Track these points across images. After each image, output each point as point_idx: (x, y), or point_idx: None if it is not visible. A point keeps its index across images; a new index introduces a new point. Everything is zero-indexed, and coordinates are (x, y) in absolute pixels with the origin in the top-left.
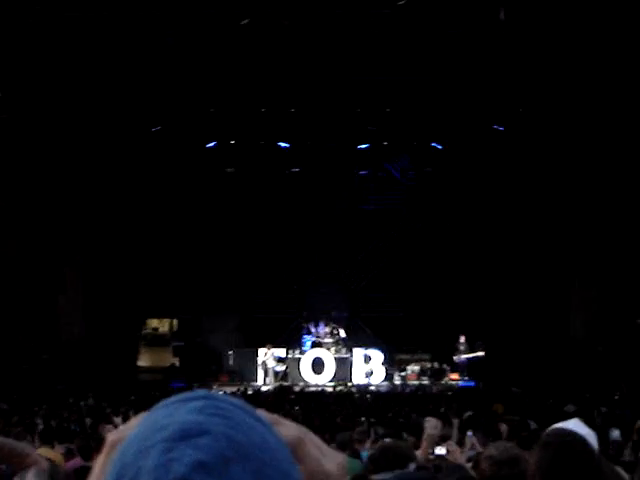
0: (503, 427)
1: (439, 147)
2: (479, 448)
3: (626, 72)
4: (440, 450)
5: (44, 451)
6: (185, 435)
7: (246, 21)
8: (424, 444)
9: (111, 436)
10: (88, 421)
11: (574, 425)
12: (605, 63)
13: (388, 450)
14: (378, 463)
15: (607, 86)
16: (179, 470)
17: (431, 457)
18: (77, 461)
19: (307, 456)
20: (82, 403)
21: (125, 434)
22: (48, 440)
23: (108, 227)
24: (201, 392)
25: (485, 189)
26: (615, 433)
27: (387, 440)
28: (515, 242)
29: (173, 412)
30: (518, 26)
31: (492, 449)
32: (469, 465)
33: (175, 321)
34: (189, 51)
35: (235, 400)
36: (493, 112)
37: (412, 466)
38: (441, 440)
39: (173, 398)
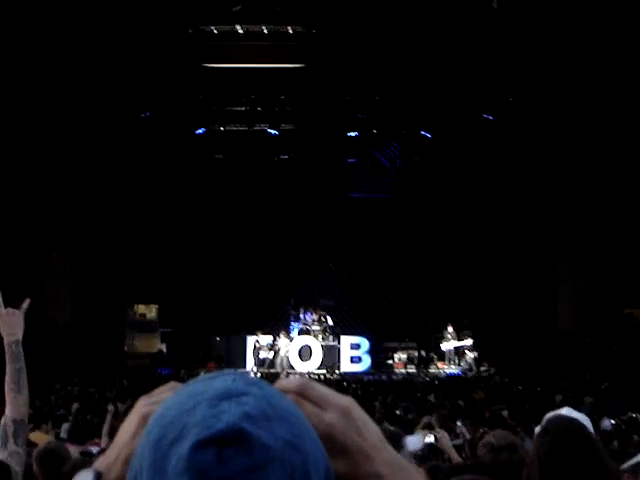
0: (505, 412)
1: (428, 136)
2: (467, 436)
3: (616, 61)
4: (429, 438)
5: (37, 436)
6: (228, 395)
7: (238, 7)
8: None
9: (142, 409)
10: (75, 406)
11: (566, 412)
12: (595, 53)
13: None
14: None
15: (597, 75)
16: (229, 419)
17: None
18: (71, 446)
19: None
20: (69, 388)
21: (157, 407)
22: (37, 425)
23: (97, 213)
24: (229, 371)
25: (474, 178)
26: (606, 423)
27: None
28: (503, 231)
29: (206, 384)
30: (510, 15)
31: (490, 436)
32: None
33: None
34: (179, 37)
35: (262, 381)
36: (483, 101)
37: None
38: (428, 428)
39: (202, 376)
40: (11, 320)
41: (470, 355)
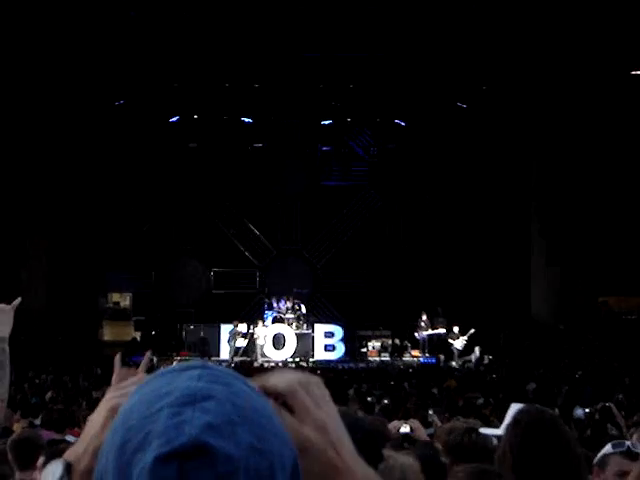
0: (480, 401)
1: (402, 124)
2: (438, 424)
3: (589, 48)
4: (404, 428)
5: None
6: (191, 400)
7: None
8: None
9: (109, 401)
10: (49, 395)
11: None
12: (566, 39)
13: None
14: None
15: (569, 62)
16: (190, 432)
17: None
18: (45, 433)
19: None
20: (43, 376)
21: (124, 400)
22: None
23: (71, 200)
24: (197, 362)
25: (447, 166)
26: (578, 411)
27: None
28: (477, 219)
29: (172, 380)
30: (484, 3)
31: (455, 422)
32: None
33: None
34: (152, 25)
35: (229, 370)
36: (456, 90)
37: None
38: (403, 418)
39: (169, 368)
40: (1, 316)
41: (476, 349)
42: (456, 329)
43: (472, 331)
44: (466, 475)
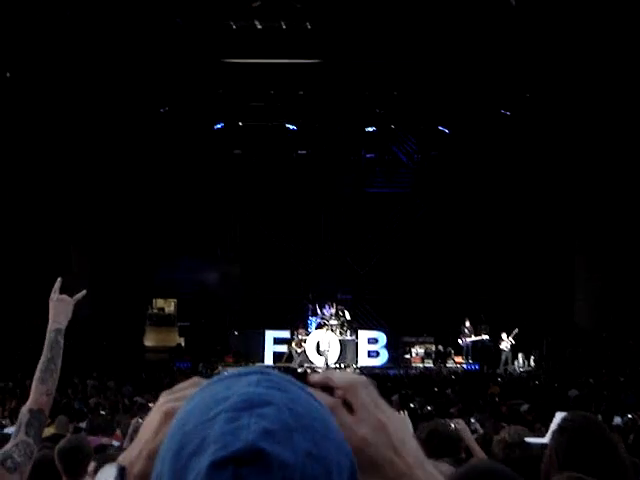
0: (524, 407)
1: (446, 131)
2: (480, 431)
3: (631, 57)
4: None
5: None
6: (248, 405)
7: (258, 3)
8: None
9: (164, 405)
10: (93, 401)
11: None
12: (610, 48)
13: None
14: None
15: (612, 70)
16: (247, 437)
17: None
18: (91, 439)
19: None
20: (88, 382)
21: (179, 404)
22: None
23: (116, 208)
24: (255, 368)
25: (491, 173)
26: (616, 419)
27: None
28: (520, 227)
29: (230, 385)
30: (527, 11)
31: (504, 433)
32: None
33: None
34: (198, 32)
35: (287, 376)
36: (500, 97)
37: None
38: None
39: (227, 373)
40: (60, 307)
41: (520, 357)
42: (504, 335)
43: (516, 331)
44: None
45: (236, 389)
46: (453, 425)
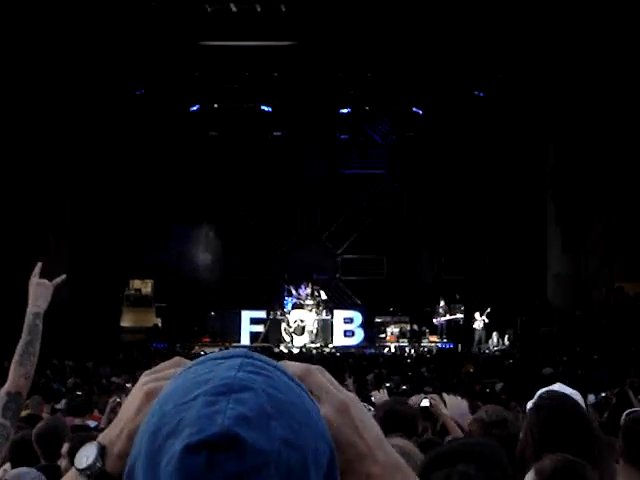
0: (498, 386)
1: (420, 112)
2: None
3: (604, 37)
4: (424, 402)
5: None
6: (227, 390)
7: None
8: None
9: (146, 386)
10: (71, 382)
11: (558, 387)
12: (583, 27)
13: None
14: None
15: (585, 51)
16: (223, 422)
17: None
18: (69, 419)
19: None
20: (66, 362)
21: (161, 384)
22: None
23: (92, 190)
24: (239, 350)
25: (465, 153)
26: (590, 397)
27: None
28: (494, 206)
29: (213, 368)
30: None
31: (482, 412)
32: None
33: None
34: (173, 15)
35: (271, 360)
36: (474, 78)
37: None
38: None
39: (211, 355)
40: (39, 291)
41: (494, 335)
42: (477, 315)
43: (488, 310)
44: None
45: (218, 372)
46: (428, 401)
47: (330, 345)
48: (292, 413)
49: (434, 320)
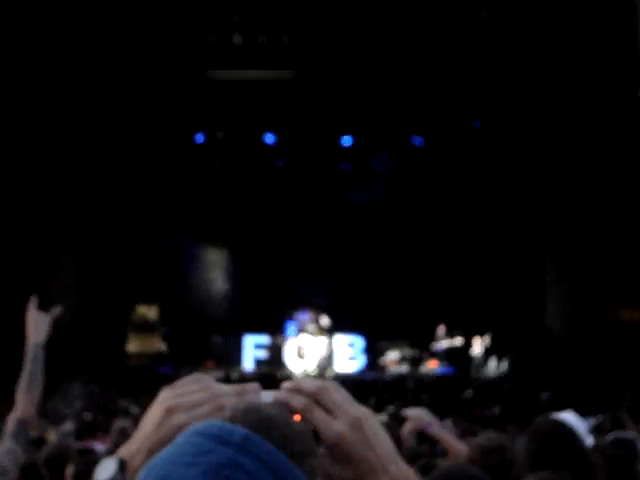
0: (496, 410)
1: (419, 142)
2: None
3: (606, 67)
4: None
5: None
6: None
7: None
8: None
9: (166, 402)
10: (78, 405)
11: (567, 416)
12: (582, 58)
13: None
14: None
15: (584, 81)
16: None
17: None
18: (77, 444)
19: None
20: (73, 386)
21: (180, 401)
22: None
23: (100, 214)
24: (240, 436)
25: (464, 180)
26: (590, 421)
27: None
28: (493, 234)
29: (193, 464)
30: (499, 24)
31: (481, 438)
32: None
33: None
34: (179, 46)
35: (270, 458)
36: (472, 108)
37: None
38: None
39: (215, 429)
40: (37, 322)
41: (492, 361)
42: (475, 340)
43: (487, 336)
44: None
45: (192, 474)
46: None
47: (332, 371)
48: None
49: (433, 345)
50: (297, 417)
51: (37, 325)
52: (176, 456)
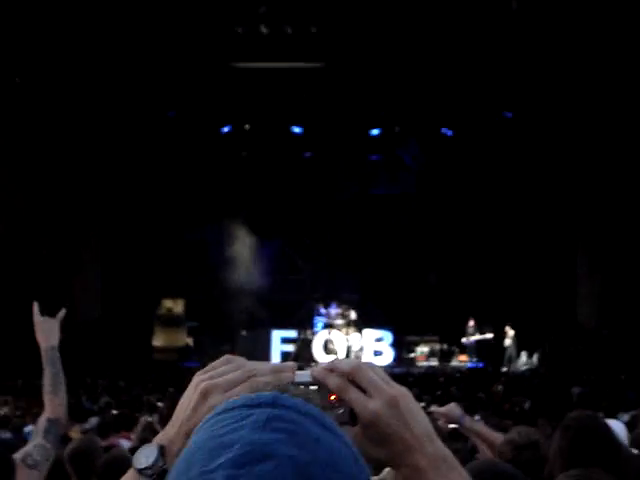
0: (527, 404)
1: (449, 133)
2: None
3: (631, 57)
4: (451, 425)
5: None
6: (249, 460)
7: (263, 9)
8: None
9: (200, 384)
10: (104, 400)
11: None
12: (612, 49)
13: None
14: None
15: (613, 71)
16: None
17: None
18: (103, 440)
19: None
20: (99, 381)
21: (215, 382)
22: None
23: (125, 209)
24: (269, 396)
25: (494, 172)
26: (624, 417)
27: None
28: (524, 228)
29: (238, 423)
30: (529, 15)
31: (513, 433)
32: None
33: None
34: (205, 37)
35: (303, 406)
36: (503, 99)
37: None
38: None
39: (237, 402)
40: (46, 327)
41: (523, 355)
42: (507, 330)
43: (517, 330)
44: None
45: (242, 433)
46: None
47: None
48: (319, 474)
49: (463, 339)
50: (333, 397)
51: (45, 330)
52: (217, 430)
